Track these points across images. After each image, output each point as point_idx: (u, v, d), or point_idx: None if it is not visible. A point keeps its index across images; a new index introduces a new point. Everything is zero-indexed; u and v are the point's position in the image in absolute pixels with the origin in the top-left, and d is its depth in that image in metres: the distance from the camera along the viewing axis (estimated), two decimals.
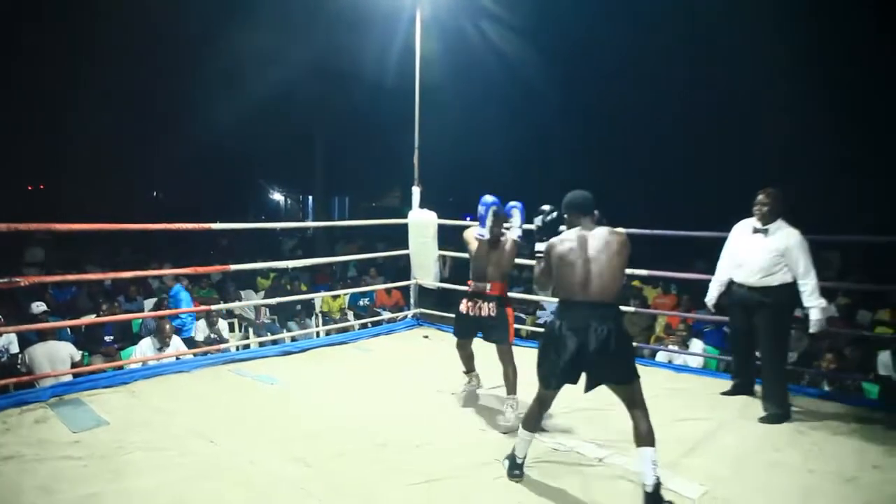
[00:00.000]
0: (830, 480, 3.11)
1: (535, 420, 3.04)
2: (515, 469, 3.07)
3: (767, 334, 4.01)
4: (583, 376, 2.85)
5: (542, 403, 3.02)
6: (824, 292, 3.99)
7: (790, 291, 3.92)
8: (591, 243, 2.86)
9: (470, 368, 4.31)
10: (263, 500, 2.85)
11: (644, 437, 2.77)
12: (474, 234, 3.98)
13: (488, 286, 3.94)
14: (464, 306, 4.04)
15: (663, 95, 16.23)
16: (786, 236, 3.91)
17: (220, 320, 7.54)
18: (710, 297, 4.42)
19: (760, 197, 3.98)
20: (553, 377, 2.87)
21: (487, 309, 3.92)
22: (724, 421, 3.90)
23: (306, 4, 13.31)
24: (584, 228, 2.92)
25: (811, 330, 3.99)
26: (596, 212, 2.97)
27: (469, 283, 4.06)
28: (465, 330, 4.09)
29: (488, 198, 3.90)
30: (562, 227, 3.02)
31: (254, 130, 19.04)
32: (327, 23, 13.34)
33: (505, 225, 3.96)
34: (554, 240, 2.95)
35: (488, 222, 3.88)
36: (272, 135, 19.73)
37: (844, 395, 4.78)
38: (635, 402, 2.83)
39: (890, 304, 7.79)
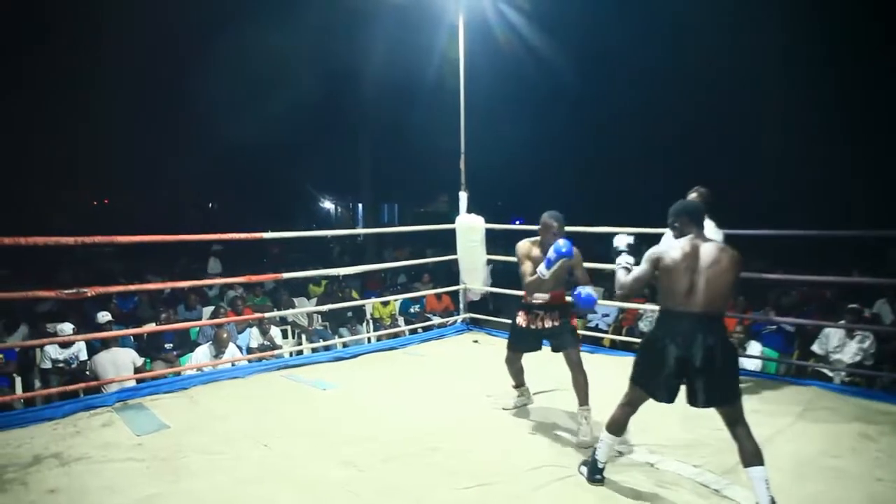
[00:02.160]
0: None
1: (622, 424, 2.97)
2: (597, 474, 3.02)
3: None
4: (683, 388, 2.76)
5: (632, 408, 2.95)
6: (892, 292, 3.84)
7: None
8: (704, 253, 2.73)
9: (520, 382, 4.16)
10: (315, 502, 2.90)
11: (752, 456, 2.65)
12: (537, 269, 3.61)
13: (547, 296, 3.77)
14: (522, 319, 3.86)
15: (707, 96, 15.90)
16: (712, 233, 4.20)
17: (273, 327, 7.71)
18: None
19: (693, 196, 4.33)
20: (658, 390, 2.79)
21: (550, 320, 3.77)
22: (783, 426, 3.75)
23: (352, 12, 13.52)
24: (696, 237, 2.79)
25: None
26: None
27: (525, 295, 3.86)
28: (524, 344, 3.91)
29: (563, 246, 3.48)
30: (667, 232, 2.91)
31: (303, 139, 19.45)
32: (371, 30, 13.52)
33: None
34: (663, 246, 2.84)
35: (554, 267, 3.56)
36: (321, 143, 20.12)
37: None
38: (738, 421, 2.71)
39: None
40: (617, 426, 2.98)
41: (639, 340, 6.66)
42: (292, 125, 16.84)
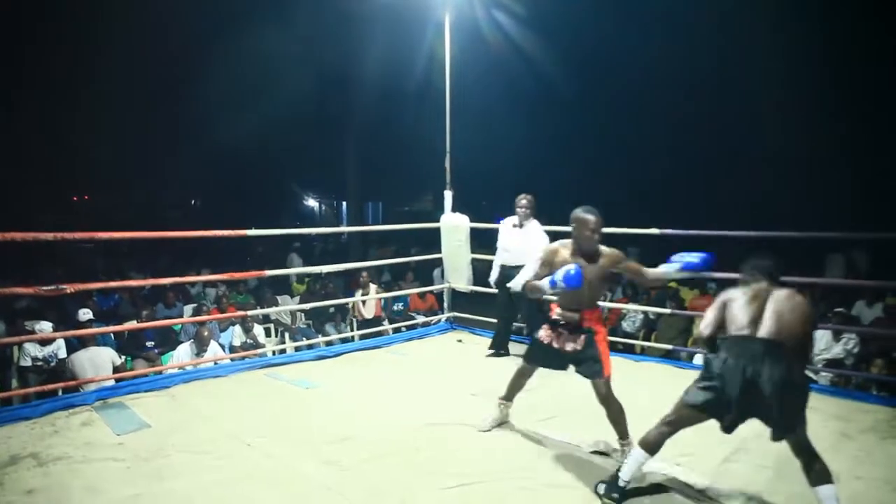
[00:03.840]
0: (878, 488, 3.01)
1: (659, 442, 2.81)
2: (615, 492, 2.82)
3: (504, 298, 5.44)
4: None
5: (674, 429, 2.81)
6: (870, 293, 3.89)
7: None
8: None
9: (510, 398, 3.76)
10: (298, 502, 2.88)
11: (820, 476, 2.59)
12: (544, 279, 3.20)
13: (579, 316, 3.27)
14: (544, 334, 3.41)
15: (690, 96, 16.04)
16: (536, 231, 5.27)
17: (257, 325, 7.66)
18: (492, 277, 5.61)
19: (524, 202, 5.31)
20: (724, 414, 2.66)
21: (572, 342, 3.30)
22: (761, 427, 3.78)
23: (339, 11, 13.47)
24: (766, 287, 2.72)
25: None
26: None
27: (553, 307, 3.41)
28: (542, 361, 3.50)
29: (573, 276, 3.03)
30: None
31: (287, 137, 19.35)
32: (357, 29, 13.48)
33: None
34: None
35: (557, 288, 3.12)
36: (305, 141, 20.02)
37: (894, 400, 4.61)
38: (802, 450, 2.66)
39: None
40: (651, 443, 2.82)
41: (622, 340, 6.74)
42: (277, 123, 16.73)
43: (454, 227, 6.36)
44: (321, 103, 16.66)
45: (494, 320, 5.76)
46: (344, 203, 26.30)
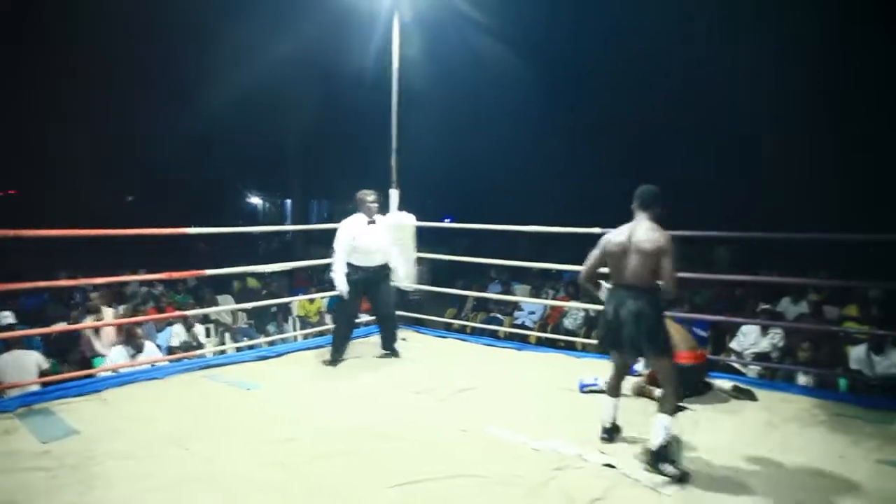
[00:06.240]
0: (800, 473, 3.18)
1: (616, 386, 3.57)
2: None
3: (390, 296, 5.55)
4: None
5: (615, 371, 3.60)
6: (795, 290, 4.10)
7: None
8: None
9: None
10: (238, 503, 2.82)
11: (664, 406, 3.24)
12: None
13: None
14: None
15: (644, 92, 16.41)
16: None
17: (197, 325, 7.46)
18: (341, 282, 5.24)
19: (373, 198, 5.35)
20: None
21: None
22: (699, 417, 3.95)
23: (283, 5, 13.24)
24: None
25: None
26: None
27: None
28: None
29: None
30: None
31: (230, 134, 18.85)
32: (305, 24, 13.26)
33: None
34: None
35: None
36: (249, 138, 19.56)
37: (816, 390, 4.89)
38: (665, 379, 3.33)
39: (857, 300, 7.94)
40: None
41: (564, 337, 6.88)
42: (219, 118, 16.26)
43: (399, 225, 6.34)
44: (266, 99, 16.29)
45: (440, 318, 5.77)
46: (288, 201, 25.87)
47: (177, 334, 7.30)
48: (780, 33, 13.53)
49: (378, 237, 5.35)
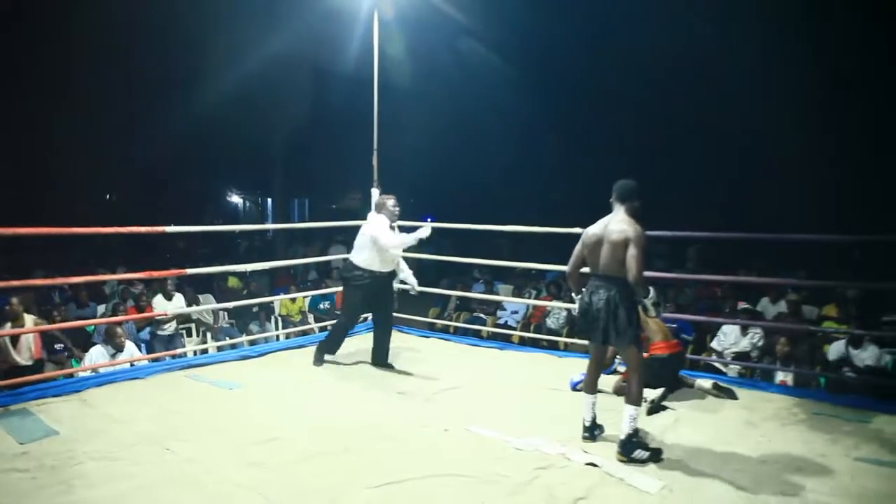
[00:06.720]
0: (780, 471, 3.22)
1: (594, 380, 3.65)
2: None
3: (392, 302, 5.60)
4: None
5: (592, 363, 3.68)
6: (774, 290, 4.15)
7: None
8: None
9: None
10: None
11: (630, 398, 3.33)
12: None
13: None
14: None
15: (626, 86, 16.50)
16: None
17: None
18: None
19: (393, 202, 5.02)
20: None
21: None
22: (680, 416, 4.00)
23: (265, 5, 13.12)
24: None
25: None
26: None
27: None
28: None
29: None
30: None
31: (211, 131, 18.62)
32: (287, 23, 13.17)
33: None
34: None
35: None
36: (230, 136, 19.34)
37: (795, 389, 4.97)
38: (630, 366, 3.46)
39: (836, 299, 8.08)
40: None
41: (547, 337, 6.91)
42: (200, 116, 16.06)
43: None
44: (247, 98, 16.13)
45: (421, 318, 5.75)
46: (269, 200, 25.66)
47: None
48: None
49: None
